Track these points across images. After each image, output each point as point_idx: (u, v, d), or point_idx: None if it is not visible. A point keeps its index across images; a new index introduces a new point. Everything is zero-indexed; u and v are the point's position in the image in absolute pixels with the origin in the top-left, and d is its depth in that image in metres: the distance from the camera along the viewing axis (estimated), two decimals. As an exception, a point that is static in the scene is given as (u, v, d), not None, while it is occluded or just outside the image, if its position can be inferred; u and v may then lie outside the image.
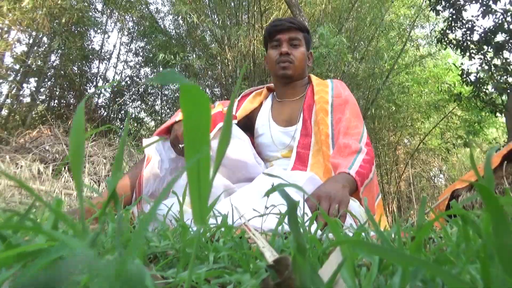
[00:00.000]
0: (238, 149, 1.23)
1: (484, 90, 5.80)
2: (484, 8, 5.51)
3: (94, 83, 7.35)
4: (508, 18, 5.48)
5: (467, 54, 5.83)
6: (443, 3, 5.69)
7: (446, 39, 5.90)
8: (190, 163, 0.22)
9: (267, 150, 1.42)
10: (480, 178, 0.29)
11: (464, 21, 5.73)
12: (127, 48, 7.94)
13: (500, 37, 5.66)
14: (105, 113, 7.36)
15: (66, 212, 1.09)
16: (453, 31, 5.86)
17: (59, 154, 4.60)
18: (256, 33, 6.09)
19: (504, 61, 5.66)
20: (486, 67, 5.67)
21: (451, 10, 5.68)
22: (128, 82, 7.98)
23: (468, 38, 5.78)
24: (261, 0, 6.18)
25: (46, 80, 6.98)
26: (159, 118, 7.63)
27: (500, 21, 5.54)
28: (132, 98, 7.98)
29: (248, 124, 1.49)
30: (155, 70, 7.75)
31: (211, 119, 0.25)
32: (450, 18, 5.75)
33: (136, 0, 7.12)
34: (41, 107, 6.53)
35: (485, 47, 5.72)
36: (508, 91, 5.49)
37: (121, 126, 7.76)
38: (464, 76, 5.82)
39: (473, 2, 5.56)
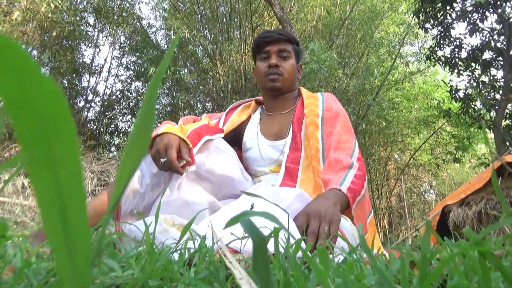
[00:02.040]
0: (224, 163, 1.17)
1: (473, 106, 5.85)
2: (472, 26, 5.60)
3: (84, 96, 7.26)
4: (495, 37, 5.57)
5: (456, 71, 5.90)
6: (432, 21, 5.77)
7: (434, 56, 5.97)
8: (25, 160, 0.14)
9: (255, 165, 1.36)
10: (506, 205, 0.23)
11: (452, 39, 5.82)
12: (118, 62, 7.89)
13: (487, 55, 5.74)
14: (95, 127, 7.25)
15: (32, 233, 1.00)
16: (442, 49, 5.94)
17: (45, 168, 4.48)
18: (247, 49, 6.09)
19: (491, 78, 5.73)
20: (474, 84, 5.73)
21: (440, 28, 5.76)
22: (119, 96, 7.90)
23: (456, 55, 5.86)
24: (253, 16, 6.21)
25: (35, 93, 6.86)
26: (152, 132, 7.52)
27: (487, 39, 5.63)
28: (122, 112, 7.89)
29: (235, 138, 1.43)
30: (146, 84, 7.68)
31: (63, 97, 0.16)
32: (439, 36, 5.83)
33: (128, 14, 7.11)
34: (29, 120, 6.40)
35: (473, 64, 5.80)
36: (496, 107, 5.54)
37: (111, 140, 7.65)
38: (453, 92, 5.88)
39: (461, 20, 5.65)
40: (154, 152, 1.07)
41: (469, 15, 5.58)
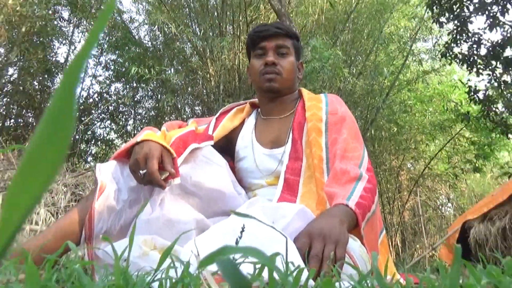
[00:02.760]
0: (213, 176, 1.15)
1: (494, 109, 5.85)
2: (491, 20, 5.63)
3: (57, 100, 7.20)
4: (518, 31, 5.60)
5: (474, 69, 5.90)
6: (447, 14, 5.80)
7: (451, 53, 5.98)
8: None
9: (249, 177, 1.35)
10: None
11: (470, 34, 5.83)
12: (96, 61, 7.87)
13: (509, 52, 5.76)
14: (69, 134, 7.20)
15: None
16: (459, 45, 5.95)
17: (12, 181, 4.42)
18: (241, 45, 6.10)
19: (514, 77, 5.76)
20: (496, 84, 5.75)
21: (456, 22, 5.79)
22: (97, 99, 7.88)
23: (475, 52, 5.87)
24: (247, 10, 6.23)
25: (2, 96, 6.85)
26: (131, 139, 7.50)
27: (508, 35, 5.65)
28: (100, 117, 7.86)
29: (227, 146, 1.42)
30: (127, 86, 7.66)
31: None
32: (455, 31, 5.85)
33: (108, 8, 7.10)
34: (-6, 127, 6.36)
35: (494, 62, 5.81)
36: (520, 110, 5.56)
37: (88, 149, 7.61)
38: (472, 93, 5.88)
39: (479, 13, 5.68)
40: (132, 163, 1.05)
41: (489, 8, 5.61)
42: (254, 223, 0.75)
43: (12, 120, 7.14)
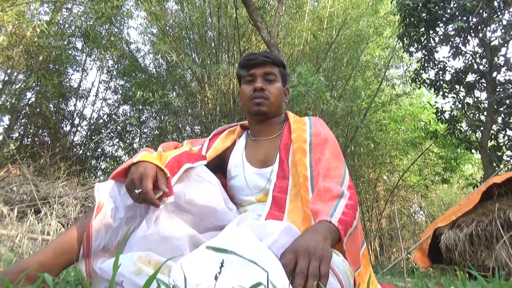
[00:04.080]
0: (206, 193, 1.09)
1: (459, 127, 5.88)
2: (455, 50, 5.71)
3: (71, 120, 7.13)
4: (477, 60, 5.67)
5: (441, 93, 5.96)
6: (416, 45, 5.87)
7: (419, 79, 6.04)
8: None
9: (240, 194, 1.28)
10: None
11: (436, 62, 5.90)
12: (106, 86, 7.84)
13: (471, 77, 5.83)
14: (81, 152, 7.10)
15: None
16: (426, 71, 6.01)
17: (26, 195, 4.30)
18: (235, 72, 6.09)
19: (475, 99, 5.80)
20: (459, 106, 5.79)
21: (424, 51, 5.85)
22: (106, 120, 7.79)
23: (441, 78, 5.93)
24: (241, 41, 6.25)
25: (20, 117, 6.74)
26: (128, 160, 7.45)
27: (470, 62, 5.72)
28: (109, 136, 7.78)
29: (220, 165, 1.36)
30: (134, 108, 7.60)
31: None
32: (423, 59, 5.91)
33: (117, 39, 7.10)
34: (13, 145, 6.24)
35: (457, 86, 5.87)
36: (481, 128, 5.58)
37: (97, 165, 7.50)
38: (439, 114, 5.91)
39: (444, 44, 5.75)
40: (128, 183, 0.99)
41: (452, 39, 5.68)
42: (243, 240, 0.69)
43: (29, 139, 7.02)
